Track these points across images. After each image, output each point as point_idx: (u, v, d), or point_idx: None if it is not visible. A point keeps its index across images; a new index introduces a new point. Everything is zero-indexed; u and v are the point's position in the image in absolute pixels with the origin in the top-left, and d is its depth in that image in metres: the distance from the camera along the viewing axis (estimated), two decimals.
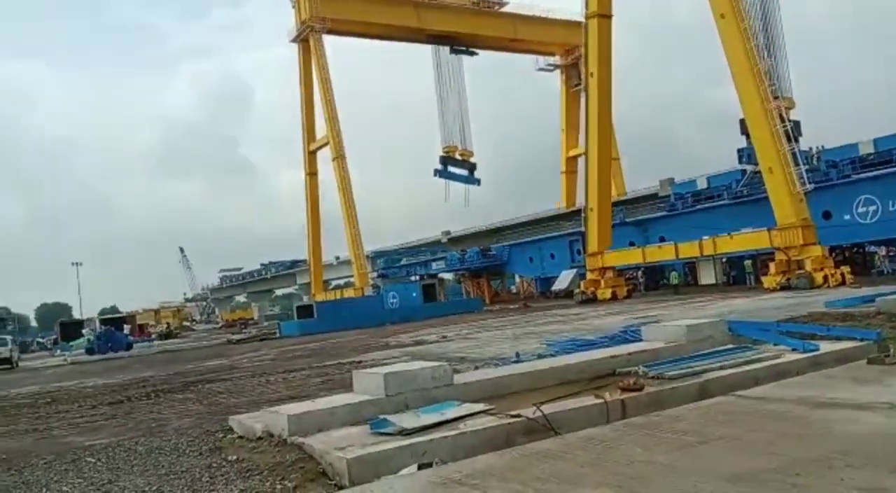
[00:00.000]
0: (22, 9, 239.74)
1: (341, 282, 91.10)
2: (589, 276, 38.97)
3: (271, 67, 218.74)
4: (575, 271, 45.92)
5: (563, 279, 47.01)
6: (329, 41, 56.98)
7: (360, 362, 16.64)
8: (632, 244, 41.67)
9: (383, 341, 24.08)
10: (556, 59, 68.27)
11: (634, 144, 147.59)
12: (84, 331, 52.43)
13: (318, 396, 8.89)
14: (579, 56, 49.73)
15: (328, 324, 39.07)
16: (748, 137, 32.41)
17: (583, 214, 40.17)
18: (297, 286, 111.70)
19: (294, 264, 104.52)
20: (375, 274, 71.98)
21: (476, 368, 11.30)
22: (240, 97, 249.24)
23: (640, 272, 41.69)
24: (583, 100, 41.03)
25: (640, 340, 10.10)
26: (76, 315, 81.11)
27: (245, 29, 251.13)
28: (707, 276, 41.23)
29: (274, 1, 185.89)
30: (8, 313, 62.38)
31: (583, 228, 40.66)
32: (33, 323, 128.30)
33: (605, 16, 37.23)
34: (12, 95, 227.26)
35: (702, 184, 42.49)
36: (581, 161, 47.83)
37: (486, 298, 58.05)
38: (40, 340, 71.98)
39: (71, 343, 50.70)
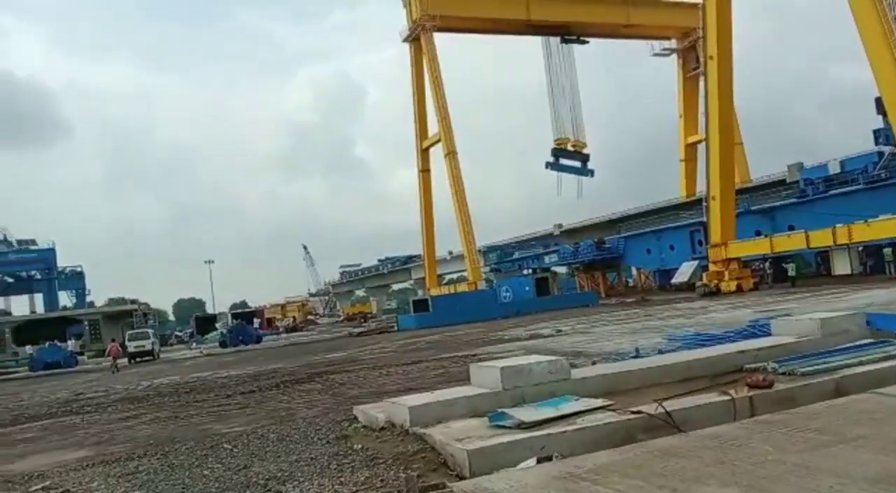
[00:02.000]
0: (147, 20, 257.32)
1: (455, 276, 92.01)
2: (712, 267, 37.45)
3: (383, 68, 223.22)
4: (696, 262, 44.26)
5: (684, 271, 45.41)
6: (438, 36, 57.59)
7: (475, 355, 16.81)
8: (758, 234, 39.65)
9: (498, 335, 24.18)
10: (672, 43, 65.96)
11: (757, 129, 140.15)
12: (217, 325, 55.81)
13: (436, 388, 9.08)
14: (697, 39, 47.95)
15: (443, 318, 39.65)
16: (885, 116, 30.05)
17: (704, 203, 38.64)
18: (412, 281, 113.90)
19: (409, 259, 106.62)
20: (488, 268, 72.23)
21: (593, 363, 11.15)
22: (354, 98, 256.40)
23: (767, 263, 39.58)
24: (701, 84, 39.46)
25: (769, 334, 9.63)
26: (209, 310, 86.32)
27: (359, 31, 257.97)
28: (842, 266, 38.57)
29: (386, 2, 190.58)
30: (149, 308, 67.05)
31: (704, 218, 39.10)
32: (171, 317, 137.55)
33: None
34: (146, 105, 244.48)
35: (834, 168, 39.79)
36: (701, 148, 46.05)
37: (601, 291, 56.96)
38: (178, 333, 77.29)
39: (205, 336, 54.23)
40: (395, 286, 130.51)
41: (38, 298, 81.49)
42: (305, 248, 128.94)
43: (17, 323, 58.23)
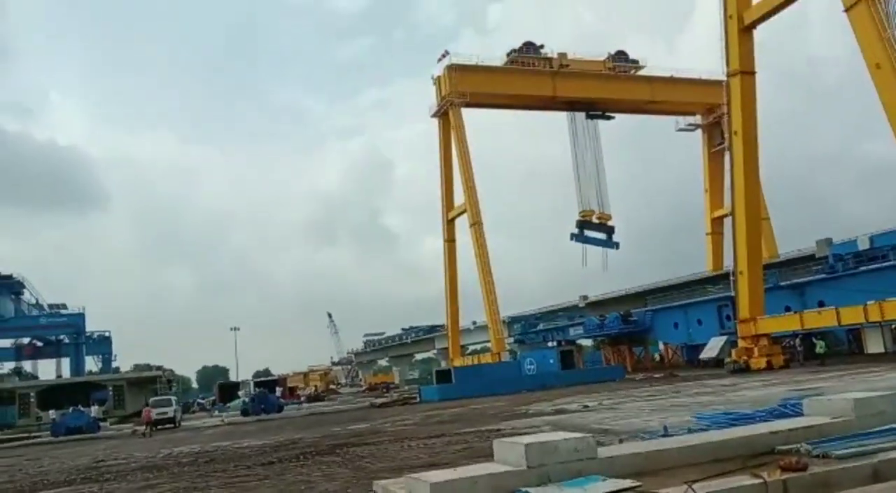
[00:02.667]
0: (187, 95, 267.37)
1: (478, 347, 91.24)
2: (741, 343, 36.71)
3: (411, 142, 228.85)
4: (725, 338, 43.46)
5: (713, 347, 44.55)
6: (466, 111, 59.01)
7: (499, 430, 16.47)
8: (787, 309, 38.98)
9: (522, 409, 23.72)
10: (697, 119, 66.91)
11: (784, 203, 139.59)
12: (240, 393, 55.54)
13: (458, 463, 8.88)
14: (721, 115, 48.41)
15: (466, 389, 39.09)
16: None
17: (732, 278, 38.22)
18: (435, 351, 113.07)
19: (432, 328, 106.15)
20: (512, 339, 71.58)
21: (621, 441, 10.86)
22: (382, 171, 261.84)
23: (797, 340, 38.74)
24: (727, 159, 39.64)
25: (801, 414, 9.33)
26: (233, 377, 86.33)
27: (389, 107, 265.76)
28: (875, 344, 37.63)
29: (417, 80, 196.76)
30: (173, 375, 67.39)
31: (732, 293, 38.60)
32: (195, 384, 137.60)
33: (748, 72, 36.15)
34: (182, 176, 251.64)
35: (863, 244, 39.37)
36: (727, 222, 45.89)
37: (627, 366, 55.93)
38: (200, 400, 76.99)
39: (228, 404, 53.91)
40: (418, 356, 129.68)
41: (66, 362, 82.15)
42: (330, 316, 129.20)
43: (42, 387, 58.59)
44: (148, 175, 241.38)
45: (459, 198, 59.61)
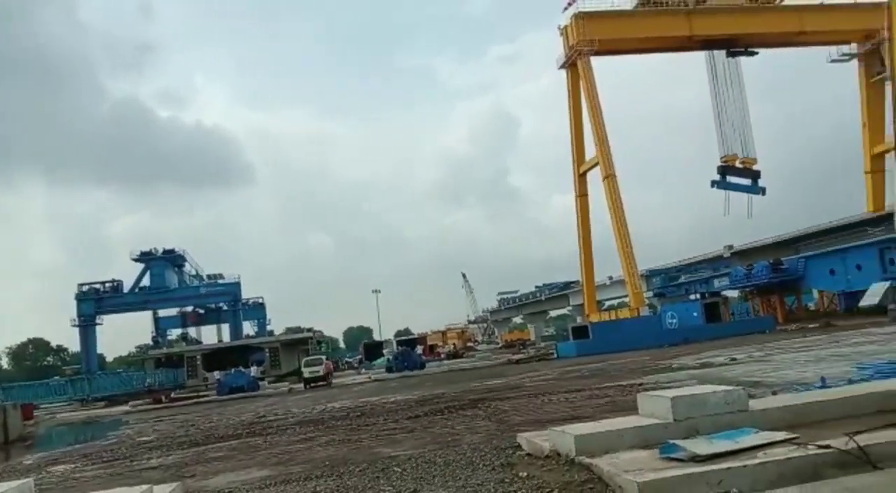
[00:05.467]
0: (318, 68, 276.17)
1: (615, 302, 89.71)
2: None
3: (538, 98, 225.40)
4: (889, 283, 40.14)
5: (874, 293, 41.29)
6: (594, 60, 57.09)
7: (641, 384, 16.23)
8: None
9: (665, 363, 23.20)
10: (852, 48, 61.08)
11: None
12: (384, 351, 58.10)
13: (601, 417, 8.88)
14: (881, 41, 44.00)
15: (604, 345, 38.65)
16: None
17: None
18: (570, 307, 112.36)
19: (567, 285, 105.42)
20: (651, 293, 69.75)
21: (774, 393, 10.42)
22: (509, 129, 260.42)
23: None
24: (888, 89, 36.07)
25: None
26: (376, 337, 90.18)
27: (515, 63, 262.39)
28: None
29: (543, 33, 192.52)
30: (322, 336, 71.39)
31: None
32: (342, 344, 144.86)
33: None
34: (319, 147, 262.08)
35: None
36: (889, 158, 41.98)
37: (778, 316, 52.98)
38: (348, 359, 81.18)
39: (373, 362, 56.60)
40: (553, 313, 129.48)
41: (225, 328, 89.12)
42: (464, 276, 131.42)
43: (206, 351, 63.93)
44: (287, 148, 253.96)
45: (590, 151, 58.18)
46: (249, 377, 43.84)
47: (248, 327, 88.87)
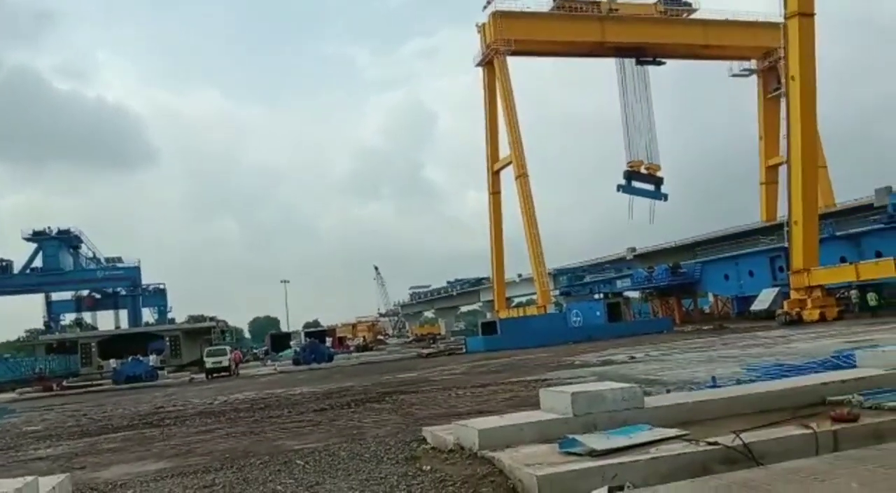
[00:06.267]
0: (230, 50, 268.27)
1: (524, 299, 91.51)
2: (793, 295, 36.05)
3: (454, 93, 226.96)
4: (777, 289, 42.68)
5: (764, 299, 43.83)
6: (510, 60, 57.91)
7: (545, 379, 16.62)
8: (843, 260, 37.98)
9: (568, 360, 23.85)
10: (752, 64, 64.53)
11: (841, 150, 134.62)
12: (291, 343, 57.09)
13: (505, 412, 9.04)
14: (778, 59, 46.66)
15: (511, 341, 39.41)
16: None
17: (786, 228, 37.36)
18: (480, 303, 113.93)
19: (478, 281, 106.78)
20: (558, 292, 71.54)
21: (668, 391, 10.88)
22: (424, 123, 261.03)
23: (852, 292, 37.82)
24: (783, 105, 38.30)
25: (855, 366, 9.20)
26: (284, 328, 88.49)
27: (432, 58, 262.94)
28: None
29: (460, 29, 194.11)
30: (226, 325, 69.34)
31: (786, 243, 37.73)
32: (247, 335, 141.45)
33: (806, 14, 34.59)
34: (228, 129, 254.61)
35: None
36: (782, 171, 44.57)
37: (676, 318, 55.49)
38: (254, 350, 79.34)
39: (280, 354, 55.53)
40: (464, 308, 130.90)
41: (123, 314, 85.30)
42: (377, 268, 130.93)
43: (102, 337, 60.91)
44: (195, 131, 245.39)
45: (504, 150, 59.04)
46: (148, 366, 42.29)
47: (148, 315, 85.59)
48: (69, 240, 79.26)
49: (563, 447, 6.04)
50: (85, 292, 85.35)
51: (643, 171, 59.53)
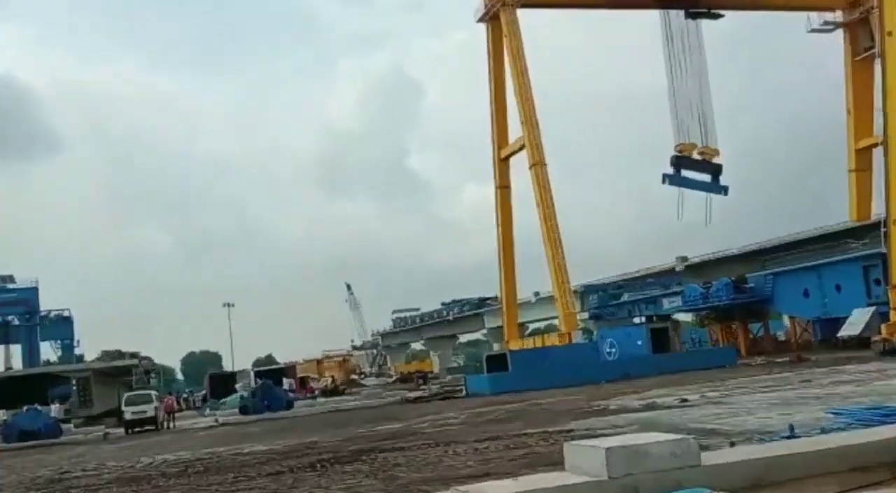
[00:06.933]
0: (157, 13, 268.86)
1: (541, 325, 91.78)
2: (893, 316, 36.17)
3: (446, 58, 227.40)
4: (873, 309, 42.79)
5: (856, 321, 43.96)
6: (522, 14, 57.99)
7: (571, 431, 16.65)
8: None
9: (601, 405, 23.90)
10: (837, 16, 64.68)
11: None
12: (237, 386, 56.95)
13: (518, 474, 9.03)
14: (871, 9, 46.89)
15: (526, 380, 39.42)
16: None
17: (883, 229, 37.51)
18: (485, 331, 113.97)
19: (482, 302, 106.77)
20: (586, 315, 71.61)
21: (732, 444, 10.91)
22: (409, 96, 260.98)
23: None
24: (877, 69, 38.55)
25: None
26: (227, 366, 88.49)
27: (420, 10, 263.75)
28: None
29: None
30: (152, 364, 69.21)
31: (883, 249, 37.91)
32: (179, 375, 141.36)
33: None
34: (157, 111, 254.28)
35: None
36: (878, 154, 44.75)
37: (740, 347, 55.62)
38: (186, 396, 79.10)
39: (222, 400, 55.36)
40: (463, 338, 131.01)
41: (16, 349, 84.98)
42: (349, 287, 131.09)
43: None
44: (109, 110, 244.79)
45: (515, 132, 59.06)
46: (48, 418, 42.05)
47: (49, 350, 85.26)
48: None
49: None
50: None
51: (696, 156, 59.33)
